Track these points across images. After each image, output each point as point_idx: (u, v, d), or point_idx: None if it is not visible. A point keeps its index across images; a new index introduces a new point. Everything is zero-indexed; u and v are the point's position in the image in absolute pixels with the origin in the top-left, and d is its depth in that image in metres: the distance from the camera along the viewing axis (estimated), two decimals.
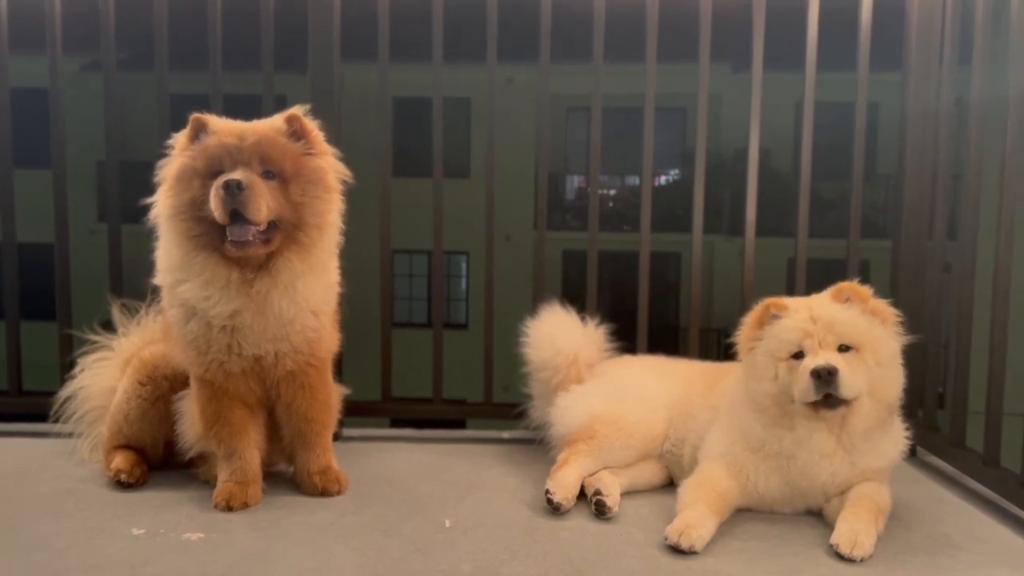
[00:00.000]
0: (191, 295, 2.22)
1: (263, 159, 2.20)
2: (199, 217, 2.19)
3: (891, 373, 2.22)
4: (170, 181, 2.24)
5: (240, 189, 2.11)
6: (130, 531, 2.14)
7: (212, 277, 2.21)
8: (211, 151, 2.19)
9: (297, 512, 2.29)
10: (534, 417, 2.88)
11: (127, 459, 2.49)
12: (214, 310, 2.21)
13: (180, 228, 2.21)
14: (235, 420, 2.35)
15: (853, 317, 2.19)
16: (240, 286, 2.21)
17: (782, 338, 2.22)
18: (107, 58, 3.08)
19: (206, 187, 2.18)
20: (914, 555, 2.06)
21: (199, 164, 2.20)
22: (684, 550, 2.01)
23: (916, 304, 2.97)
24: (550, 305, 2.89)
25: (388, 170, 3.13)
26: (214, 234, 2.19)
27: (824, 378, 2.10)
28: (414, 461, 2.79)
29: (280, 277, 2.24)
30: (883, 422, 2.23)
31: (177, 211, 2.20)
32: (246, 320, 2.23)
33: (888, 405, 2.23)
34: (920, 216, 2.99)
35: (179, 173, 2.22)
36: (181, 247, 2.21)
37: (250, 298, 2.22)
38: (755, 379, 2.26)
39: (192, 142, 2.24)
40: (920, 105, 2.96)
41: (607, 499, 2.26)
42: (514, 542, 2.11)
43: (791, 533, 2.18)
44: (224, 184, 2.12)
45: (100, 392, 2.73)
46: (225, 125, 2.25)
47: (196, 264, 2.21)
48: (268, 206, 2.17)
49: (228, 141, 2.19)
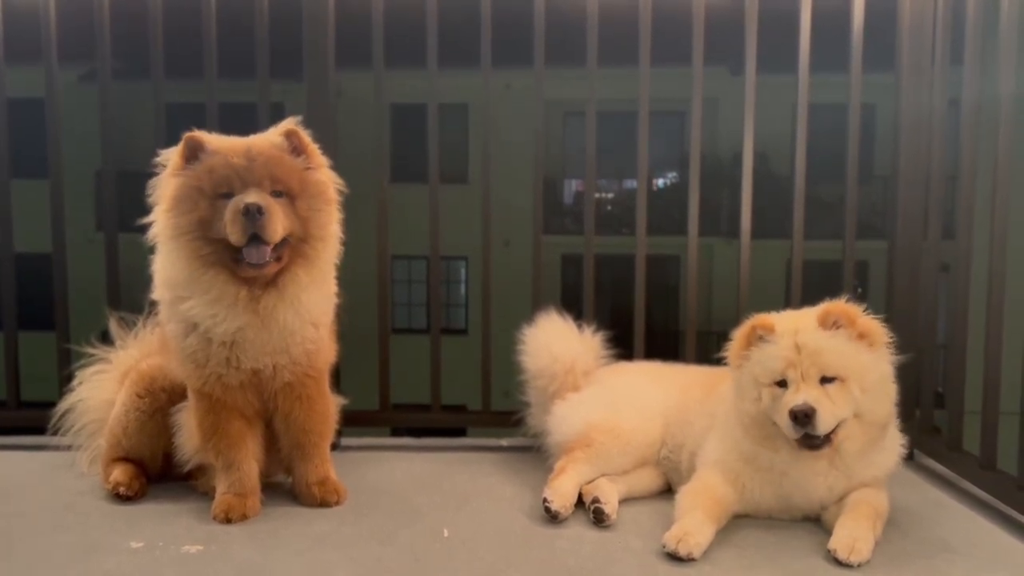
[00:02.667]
0: (196, 312, 2.22)
1: (272, 179, 2.21)
2: (206, 237, 2.20)
3: (878, 396, 2.17)
4: (171, 201, 2.22)
5: (260, 214, 2.13)
6: (129, 544, 2.14)
7: (220, 295, 2.21)
8: (218, 172, 2.19)
9: (295, 523, 2.30)
10: (532, 424, 2.89)
11: (126, 472, 2.50)
12: (220, 327, 2.22)
13: (187, 248, 2.20)
14: (233, 432, 2.36)
15: (839, 346, 2.13)
16: (247, 303, 2.22)
17: (766, 365, 2.18)
18: (103, 68, 3.09)
19: (214, 207, 2.19)
20: (911, 560, 2.07)
21: (205, 184, 2.19)
22: (682, 557, 2.02)
23: (912, 306, 2.98)
24: (547, 313, 2.89)
25: (385, 177, 3.14)
26: (224, 253, 2.20)
27: (801, 420, 2.07)
28: (412, 470, 2.79)
29: (287, 291, 2.26)
30: (876, 440, 2.22)
31: (183, 231, 2.20)
32: (248, 335, 2.24)
33: (879, 426, 2.20)
34: (915, 217, 2.99)
35: (181, 193, 2.21)
36: (187, 266, 2.21)
37: (256, 314, 2.23)
38: (741, 398, 2.26)
39: (187, 161, 2.23)
40: (913, 107, 2.97)
41: (605, 507, 2.27)
42: (511, 551, 2.11)
43: (789, 539, 2.19)
44: (244, 209, 2.13)
45: (98, 405, 2.73)
46: (224, 143, 2.25)
47: (203, 282, 2.21)
48: (283, 225, 2.19)
49: (236, 162, 2.19)
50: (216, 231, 2.19)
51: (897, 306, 2.99)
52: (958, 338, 2.68)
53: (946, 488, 2.65)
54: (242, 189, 2.18)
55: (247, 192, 2.17)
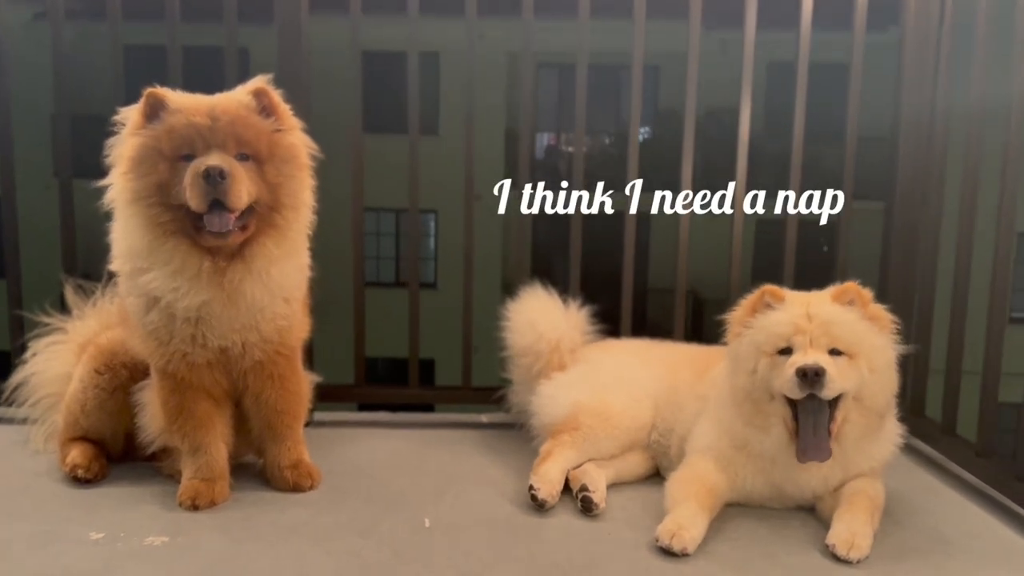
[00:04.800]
0: (157, 285, 2.05)
1: (238, 140, 2.03)
2: (166, 203, 2.03)
3: (884, 380, 2.10)
4: (129, 163, 2.04)
5: (223, 177, 1.96)
6: (88, 535, 2.00)
7: (182, 266, 2.05)
8: (179, 131, 2.01)
9: (268, 511, 2.17)
10: (515, 402, 2.78)
11: (84, 453, 2.34)
12: (182, 302, 2.05)
13: (144, 214, 2.03)
14: (200, 413, 2.21)
15: (853, 321, 2.07)
16: (212, 275, 2.06)
17: (771, 331, 2.09)
18: (54, 5, 2.82)
19: (175, 170, 2.02)
20: (909, 554, 2.00)
21: (164, 145, 2.01)
22: (676, 553, 1.93)
23: (907, 275, 2.92)
24: (531, 288, 2.78)
25: (359, 129, 2.95)
26: (185, 221, 2.03)
27: (810, 378, 1.97)
28: (389, 449, 2.67)
29: (255, 264, 2.10)
30: (874, 429, 2.14)
31: (140, 196, 2.03)
32: (214, 311, 2.08)
33: (879, 413, 2.12)
34: (913, 182, 2.91)
35: (140, 154, 2.03)
36: (146, 234, 2.04)
37: (221, 288, 2.07)
38: (735, 372, 2.16)
39: (147, 120, 2.05)
40: (916, 71, 2.87)
41: (594, 495, 2.17)
42: (497, 543, 2.01)
43: (783, 531, 2.11)
44: (205, 172, 1.96)
45: (54, 379, 2.57)
46: (188, 101, 2.06)
47: (163, 252, 2.04)
48: (248, 191, 2.02)
49: (199, 121, 2.00)
50: (176, 196, 2.02)
51: (893, 278, 2.93)
52: (956, 319, 2.61)
53: (937, 472, 2.59)
54: (204, 151, 2.01)
55: (209, 154, 2.00)
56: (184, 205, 2.01)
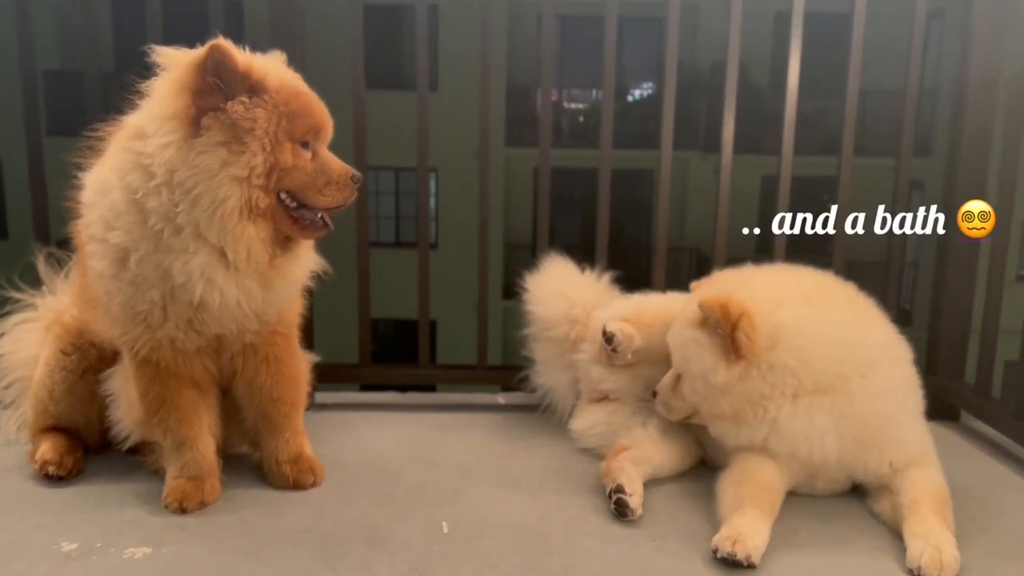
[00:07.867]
0: (201, 272, 1.76)
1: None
2: (266, 187, 1.76)
3: None
4: (250, 135, 1.72)
5: (357, 183, 1.90)
6: (59, 546, 1.74)
7: (248, 256, 1.78)
8: (315, 118, 1.83)
9: (265, 514, 1.91)
10: (539, 384, 2.50)
11: (55, 446, 2.08)
12: (216, 292, 1.78)
13: (244, 195, 1.73)
14: (184, 403, 1.94)
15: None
16: (266, 267, 1.84)
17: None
18: None
19: (296, 155, 1.79)
20: (1003, 564, 1.75)
21: (296, 128, 1.78)
22: (741, 562, 1.67)
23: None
24: (552, 256, 2.51)
25: (361, 84, 2.67)
26: (279, 209, 1.81)
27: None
28: (399, 437, 2.41)
29: (298, 251, 1.92)
30: None
31: (254, 174, 1.73)
32: (237, 300, 1.83)
33: None
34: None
35: (261, 129, 1.72)
36: (233, 216, 1.74)
37: (261, 279, 1.85)
38: None
39: (207, 80, 1.69)
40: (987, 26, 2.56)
41: (630, 500, 1.90)
42: (527, 553, 1.75)
43: (848, 534, 1.86)
44: (353, 177, 1.88)
45: (25, 361, 2.27)
46: (288, 76, 1.85)
47: (243, 239, 1.76)
48: None
49: (323, 109, 1.87)
50: (286, 183, 1.79)
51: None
52: (994, 288, 2.40)
53: (1005, 459, 2.34)
54: (316, 141, 1.85)
55: (322, 145, 1.88)
56: (287, 191, 1.81)
